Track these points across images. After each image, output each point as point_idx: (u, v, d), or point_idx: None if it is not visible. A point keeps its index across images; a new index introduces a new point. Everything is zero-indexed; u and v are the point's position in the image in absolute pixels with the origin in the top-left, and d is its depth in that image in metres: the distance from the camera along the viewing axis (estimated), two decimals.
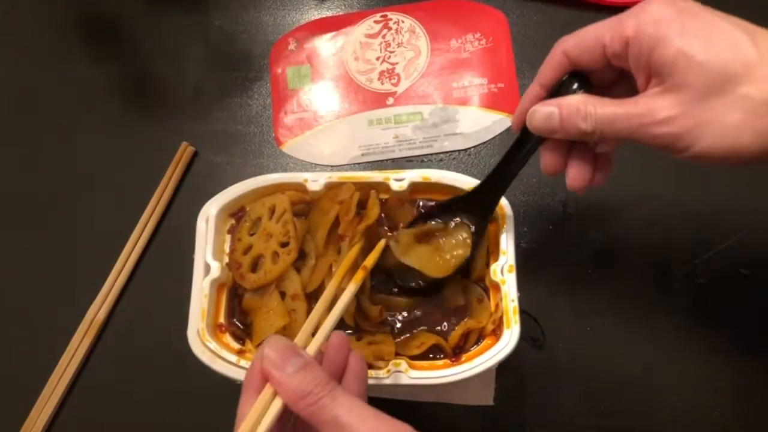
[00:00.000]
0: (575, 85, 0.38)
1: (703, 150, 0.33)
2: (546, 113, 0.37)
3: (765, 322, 0.52)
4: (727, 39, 0.32)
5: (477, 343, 0.45)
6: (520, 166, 0.42)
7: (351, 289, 0.41)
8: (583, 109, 0.36)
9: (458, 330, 0.44)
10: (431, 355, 0.45)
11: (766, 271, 0.52)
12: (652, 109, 0.33)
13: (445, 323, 0.45)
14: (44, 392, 0.53)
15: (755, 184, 0.54)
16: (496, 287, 0.45)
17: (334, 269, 0.44)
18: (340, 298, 0.41)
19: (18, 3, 0.66)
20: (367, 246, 0.45)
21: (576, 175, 0.39)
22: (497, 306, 0.44)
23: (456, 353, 0.45)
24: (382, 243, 0.44)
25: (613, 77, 0.38)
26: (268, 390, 0.33)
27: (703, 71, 0.32)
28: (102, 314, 0.55)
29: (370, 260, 0.43)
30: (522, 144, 0.41)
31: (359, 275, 0.42)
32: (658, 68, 0.33)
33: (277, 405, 0.33)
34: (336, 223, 0.46)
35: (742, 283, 0.53)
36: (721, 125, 0.32)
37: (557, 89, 0.38)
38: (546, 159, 0.40)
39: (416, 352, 0.44)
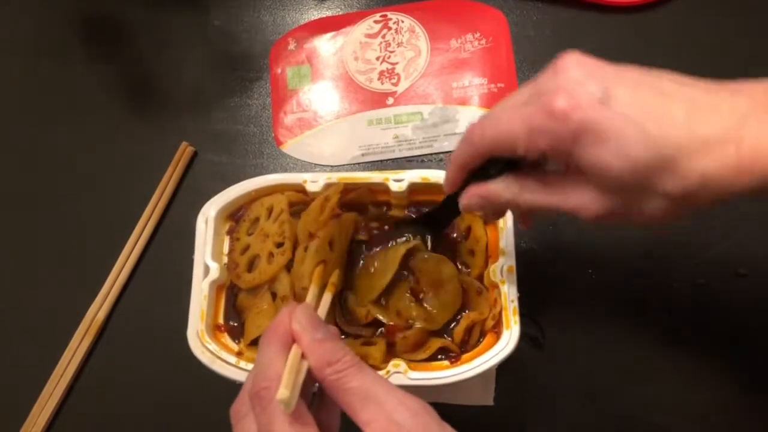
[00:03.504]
0: (496, 169, 0.36)
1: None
2: (476, 204, 0.38)
3: (764, 322, 0.52)
4: (648, 134, 0.29)
5: (480, 338, 0.45)
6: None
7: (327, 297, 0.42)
8: (507, 197, 0.36)
9: (462, 323, 0.44)
10: (438, 356, 0.45)
11: (765, 271, 0.52)
12: (575, 206, 0.33)
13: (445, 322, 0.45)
14: (44, 392, 0.53)
15: None
16: (496, 287, 0.45)
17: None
18: (322, 301, 0.41)
19: (18, 3, 0.66)
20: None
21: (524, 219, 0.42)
22: (495, 300, 0.44)
23: (462, 348, 0.44)
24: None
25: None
26: (298, 349, 0.33)
27: (620, 179, 0.31)
28: (102, 314, 0.55)
29: (335, 277, 0.43)
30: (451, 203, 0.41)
31: (330, 289, 0.42)
32: (576, 167, 0.32)
33: (305, 366, 0.33)
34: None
35: (742, 283, 0.53)
36: (641, 215, 0.32)
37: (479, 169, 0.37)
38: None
39: (423, 356, 0.44)
